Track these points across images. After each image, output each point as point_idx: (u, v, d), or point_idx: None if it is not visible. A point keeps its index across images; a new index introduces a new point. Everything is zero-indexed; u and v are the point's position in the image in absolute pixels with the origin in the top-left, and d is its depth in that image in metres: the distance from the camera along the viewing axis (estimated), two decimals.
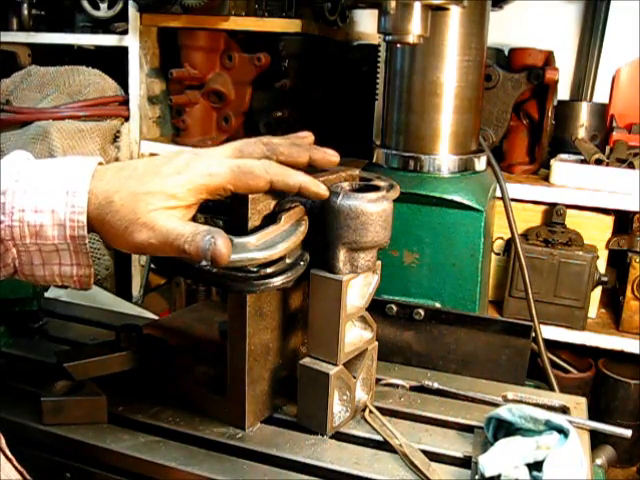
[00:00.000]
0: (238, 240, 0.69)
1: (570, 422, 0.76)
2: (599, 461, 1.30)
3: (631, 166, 1.68)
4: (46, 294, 1.12)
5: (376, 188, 0.77)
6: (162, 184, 0.66)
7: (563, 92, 2.14)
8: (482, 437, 0.81)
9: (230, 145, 0.73)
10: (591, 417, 0.88)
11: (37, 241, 0.66)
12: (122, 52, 2.10)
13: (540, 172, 1.88)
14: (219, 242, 0.63)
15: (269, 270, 0.71)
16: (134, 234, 0.66)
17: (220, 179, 0.67)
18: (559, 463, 0.69)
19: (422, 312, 1.01)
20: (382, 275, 0.82)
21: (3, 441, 0.69)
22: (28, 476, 0.71)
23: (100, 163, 0.70)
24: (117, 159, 2.09)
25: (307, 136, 0.81)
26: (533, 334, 1.01)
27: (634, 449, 1.87)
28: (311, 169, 0.84)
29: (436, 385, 0.93)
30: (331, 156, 0.76)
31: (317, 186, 0.72)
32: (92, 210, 0.67)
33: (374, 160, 1.37)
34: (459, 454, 0.79)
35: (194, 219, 0.72)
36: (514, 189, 1.69)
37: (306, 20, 1.92)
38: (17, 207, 0.66)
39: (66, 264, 0.69)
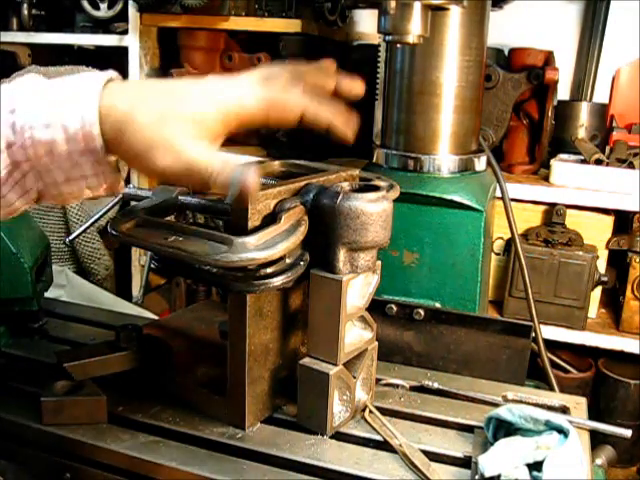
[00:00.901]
0: (238, 240, 0.69)
1: (570, 422, 0.76)
2: (599, 461, 1.30)
3: (631, 166, 1.68)
4: (46, 294, 1.12)
5: (376, 188, 0.77)
6: (192, 108, 0.63)
7: (563, 92, 2.14)
8: (482, 437, 0.81)
9: (256, 72, 0.69)
10: (591, 417, 0.87)
11: (53, 158, 0.62)
12: (122, 52, 2.10)
13: (540, 172, 1.88)
14: (250, 177, 0.61)
15: (269, 270, 0.71)
16: (157, 156, 0.62)
17: (252, 109, 0.65)
18: (559, 463, 0.69)
19: (422, 312, 1.01)
20: (382, 275, 0.82)
21: None
22: None
23: (111, 78, 0.65)
24: None
25: (330, 65, 0.77)
26: (533, 334, 1.01)
27: (634, 449, 1.88)
28: (312, 170, 0.84)
29: (436, 385, 0.93)
30: (357, 84, 0.73)
31: (346, 124, 0.70)
32: (111, 124, 0.62)
33: (374, 160, 1.37)
34: (459, 454, 0.79)
35: (194, 218, 0.72)
36: (514, 189, 1.69)
37: (306, 20, 1.92)
38: (27, 124, 0.61)
39: (91, 175, 0.65)
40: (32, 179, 0.64)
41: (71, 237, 1.93)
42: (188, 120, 0.63)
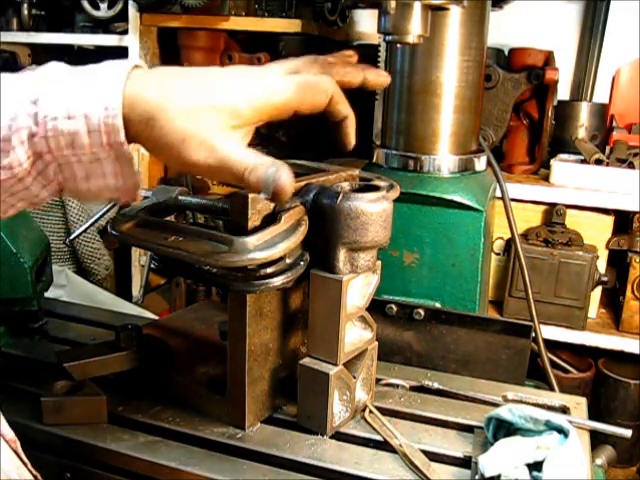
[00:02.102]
0: (238, 240, 0.69)
1: (570, 422, 0.76)
2: (599, 461, 1.30)
3: (631, 166, 1.68)
4: (46, 294, 1.12)
5: (376, 188, 0.77)
6: (227, 99, 0.61)
7: (563, 92, 2.14)
8: (482, 437, 0.81)
9: (285, 63, 0.70)
10: (591, 417, 0.87)
11: (75, 151, 0.61)
12: (122, 52, 2.10)
13: (540, 172, 1.88)
14: (284, 175, 0.59)
15: (269, 270, 0.71)
16: (190, 150, 0.60)
17: (287, 94, 0.64)
18: (559, 463, 0.69)
19: (422, 312, 1.01)
20: (382, 275, 0.82)
21: (19, 444, 0.68)
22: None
23: (137, 66, 0.63)
24: None
25: (352, 55, 0.79)
26: (533, 334, 1.01)
27: (634, 449, 1.88)
28: (312, 170, 0.84)
29: (436, 385, 0.93)
30: (385, 77, 0.76)
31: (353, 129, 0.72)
32: (140, 113, 0.60)
33: (374, 160, 1.37)
34: (459, 454, 0.79)
35: (194, 218, 0.72)
36: (514, 189, 1.69)
37: (306, 20, 1.92)
38: (50, 115, 0.59)
39: (110, 174, 0.63)
40: (53, 170, 0.62)
41: (71, 237, 1.93)
42: (223, 111, 0.61)
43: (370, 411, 0.85)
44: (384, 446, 0.80)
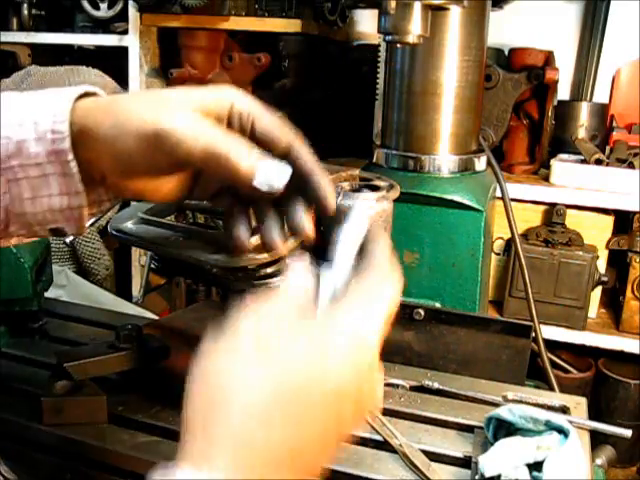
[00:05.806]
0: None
1: (570, 422, 0.76)
2: (599, 461, 1.30)
3: (631, 166, 1.68)
4: (46, 294, 1.12)
5: (376, 188, 0.77)
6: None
7: (563, 92, 2.14)
8: (482, 437, 0.81)
9: None
10: (591, 417, 0.87)
11: (22, 162, 0.60)
12: (122, 52, 2.10)
13: (540, 172, 1.88)
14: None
15: (269, 270, 0.71)
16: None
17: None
18: (559, 463, 0.69)
19: (422, 312, 1.01)
20: None
21: None
22: None
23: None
24: None
25: None
26: (533, 334, 1.01)
27: (634, 449, 1.87)
28: None
29: (436, 385, 0.93)
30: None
31: None
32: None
33: (374, 160, 1.37)
34: (459, 454, 0.79)
35: (194, 218, 0.72)
36: (514, 189, 1.69)
37: (306, 20, 1.92)
38: (3, 122, 0.60)
39: (54, 194, 0.61)
40: (3, 190, 0.61)
41: (70, 237, 1.93)
42: None
43: None
44: (384, 446, 0.80)
